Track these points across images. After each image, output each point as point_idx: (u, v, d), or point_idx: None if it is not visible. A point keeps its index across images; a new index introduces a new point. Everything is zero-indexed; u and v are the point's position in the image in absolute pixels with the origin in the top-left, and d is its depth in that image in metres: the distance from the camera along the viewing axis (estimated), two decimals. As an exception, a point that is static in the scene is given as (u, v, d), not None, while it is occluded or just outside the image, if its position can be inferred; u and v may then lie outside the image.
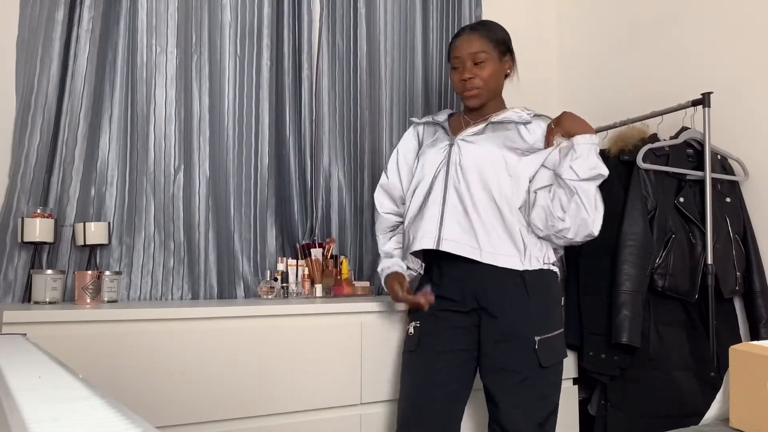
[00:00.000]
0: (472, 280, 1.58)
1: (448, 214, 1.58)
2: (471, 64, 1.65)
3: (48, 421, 0.42)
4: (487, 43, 1.66)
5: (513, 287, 1.55)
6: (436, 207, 1.61)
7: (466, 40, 1.67)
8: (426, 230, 1.60)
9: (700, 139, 2.05)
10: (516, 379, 1.52)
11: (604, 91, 2.63)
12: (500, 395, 1.53)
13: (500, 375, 1.54)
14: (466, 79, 1.65)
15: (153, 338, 1.47)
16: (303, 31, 2.26)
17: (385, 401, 1.77)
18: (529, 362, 1.52)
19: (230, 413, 1.54)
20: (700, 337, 1.94)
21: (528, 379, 1.52)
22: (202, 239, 2.02)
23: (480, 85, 1.65)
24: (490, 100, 1.70)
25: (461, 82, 1.67)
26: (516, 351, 1.53)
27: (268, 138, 2.18)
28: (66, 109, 1.87)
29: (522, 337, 1.53)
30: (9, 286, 1.76)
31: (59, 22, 1.86)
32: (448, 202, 1.60)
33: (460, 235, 1.56)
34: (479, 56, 1.65)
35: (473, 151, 1.61)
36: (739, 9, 2.16)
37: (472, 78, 1.65)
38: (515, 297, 1.55)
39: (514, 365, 1.53)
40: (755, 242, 2.06)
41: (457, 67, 1.69)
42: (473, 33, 1.68)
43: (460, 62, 1.67)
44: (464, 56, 1.66)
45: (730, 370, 1.06)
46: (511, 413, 1.52)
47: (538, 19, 2.87)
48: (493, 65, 1.66)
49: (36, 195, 1.81)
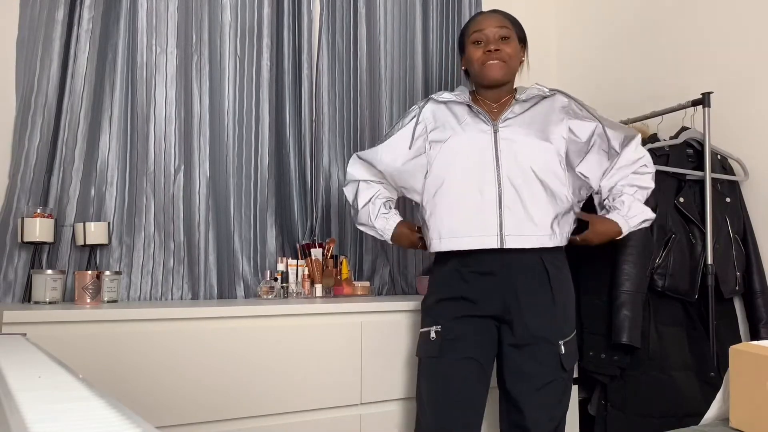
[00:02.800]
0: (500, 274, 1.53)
1: (507, 205, 1.52)
2: (497, 39, 1.59)
3: (48, 421, 0.42)
4: (511, 24, 1.63)
5: (539, 286, 1.54)
6: (491, 199, 1.52)
7: (491, 16, 1.63)
8: (483, 227, 1.52)
9: (700, 139, 2.05)
10: (541, 383, 1.52)
11: (604, 91, 2.63)
12: (524, 399, 1.52)
13: (525, 379, 1.53)
14: (491, 50, 1.57)
15: (153, 338, 1.47)
16: (303, 31, 2.26)
17: (385, 401, 1.76)
18: (554, 367, 1.52)
19: (230, 413, 1.54)
20: (700, 337, 1.94)
21: (552, 382, 1.52)
22: (202, 239, 2.02)
23: (505, 59, 1.59)
24: (509, 78, 1.64)
25: (486, 54, 1.58)
26: (541, 356, 1.52)
27: (268, 138, 2.18)
28: (66, 109, 1.87)
29: (547, 342, 1.52)
30: (9, 286, 1.76)
31: (59, 22, 1.86)
32: (505, 193, 1.53)
33: (522, 227, 1.51)
34: (504, 31, 1.60)
35: (521, 137, 1.56)
36: (739, 9, 2.16)
37: (498, 50, 1.58)
38: (541, 299, 1.54)
39: (538, 370, 1.52)
40: (755, 242, 2.06)
41: (479, 41, 1.60)
42: (495, 12, 1.65)
43: (483, 36, 1.60)
44: (489, 31, 1.59)
45: (730, 370, 1.06)
46: (535, 416, 1.52)
47: (537, 19, 2.87)
48: (515, 45, 1.62)
49: (36, 195, 1.81)
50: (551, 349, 1.52)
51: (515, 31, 1.64)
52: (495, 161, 1.55)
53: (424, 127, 1.66)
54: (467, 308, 1.55)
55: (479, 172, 1.55)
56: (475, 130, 1.59)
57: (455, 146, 1.58)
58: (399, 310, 1.80)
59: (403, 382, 1.79)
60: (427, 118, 1.68)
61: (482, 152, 1.56)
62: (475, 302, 1.55)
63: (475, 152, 1.56)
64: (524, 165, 1.54)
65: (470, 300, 1.55)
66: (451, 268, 1.58)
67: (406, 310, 1.80)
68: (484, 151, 1.56)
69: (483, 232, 1.52)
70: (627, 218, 1.61)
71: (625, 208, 1.62)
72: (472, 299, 1.55)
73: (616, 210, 1.62)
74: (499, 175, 1.54)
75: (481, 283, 1.55)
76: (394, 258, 2.37)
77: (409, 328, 1.81)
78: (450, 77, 2.55)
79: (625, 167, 1.65)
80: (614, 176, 1.66)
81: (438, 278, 1.64)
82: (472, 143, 1.57)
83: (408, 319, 1.81)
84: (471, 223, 1.53)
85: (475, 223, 1.53)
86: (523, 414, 1.52)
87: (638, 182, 1.65)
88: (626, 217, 1.61)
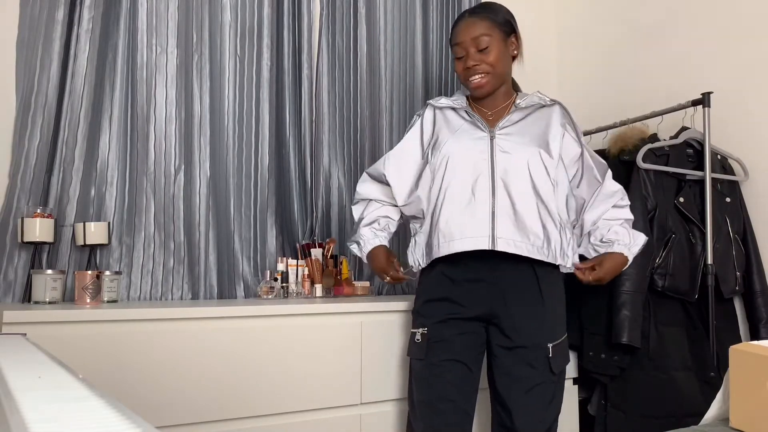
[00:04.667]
0: (490, 280, 1.53)
1: (500, 211, 1.50)
2: (474, 51, 1.55)
3: (48, 421, 0.42)
4: (490, 26, 1.56)
5: (528, 290, 1.53)
6: (484, 204, 1.51)
7: (467, 24, 1.57)
8: (475, 229, 1.49)
9: (700, 139, 2.05)
10: (529, 385, 1.51)
11: (604, 91, 2.63)
12: (513, 401, 1.52)
13: (514, 381, 1.52)
14: (470, 66, 1.56)
15: (153, 338, 1.47)
16: (303, 31, 2.26)
17: (385, 401, 1.77)
18: (542, 369, 1.52)
19: (230, 413, 1.54)
20: (700, 337, 1.94)
21: (540, 384, 1.52)
22: (202, 239, 2.02)
23: (487, 70, 1.55)
24: (499, 85, 1.60)
25: (465, 71, 1.57)
26: (530, 358, 1.52)
27: (268, 138, 2.18)
28: (66, 109, 1.87)
29: (536, 344, 1.52)
30: (9, 286, 1.76)
31: (59, 21, 1.86)
32: (498, 199, 1.51)
33: (514, 233, 1.49)
34: (482, 40, 1.54)
35: (517, 146, 1.53)
36: (739, 9, 2.16)
37: (477, 65, 1.55)
38: (530, 302, 1.53)
39: (527, 372, 1.51)
40: (755, 242, 2.06)
41: (460, 56, 1.58)
42: (473, 16, 1.58)
43: (462, 49, 1.57)
44: (466, 42, 1.56)
45: (730, 370, 1.06)
46: (523, 418, 1.51)
47: (537, 19, 2.87)
48: (497, 48, 1.56)
49: (36, 195, 1.81)
50: (540, 352, 1.52)
51: (498, 29, 1.57)
52: (490, 168, 1.52)
53: (429, 135, 1.66)
54: (453, 310, 1.54)
55: (474, 178, 1.52)
56: (471, 137, 1.56)
57: (451, 152, 1.56)
58: (399, 310, 1.80)
59: (403, 382, 1.79)
60: (427, 125, 1.67)
61: (477, 159, 1.54)
62: (462, 305, 1.54)
63: (470, 159, 1.54)
64: (519, 173, 1.52)
65: (457, 302, 1.54)
66: (439, 272, 1.57)
67: (406, 310, 1.80)
68: (480, 158, 1.54)
69: (474, 234, 1.50)
70: (629, 247, 1.64)
71: (623, 237, 1.64)
72: (459, 302, 1.54)
73: (614, 243, 1.64)
74: (494, 183, 1.51)
75: (469, 287, 1.54)
76: (394, 258, 2.37)
77: (409, 328, 1.80)
78: (450, 77, 2.55)
79: (607, 200, 1.66)
80: (597, 209, 1.66)
81: (425, 281, 1.62)
82: (468, 150, 1.55)
83: (408, 319, 1.81)
84: (464, 227, 1.51)
85: (468, 228, 1.51)
86: (511, 416, 1.52)
87: (622, 215, 1.68)
88: (628, 246, 1.64)
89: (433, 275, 1.59)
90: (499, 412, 1.56)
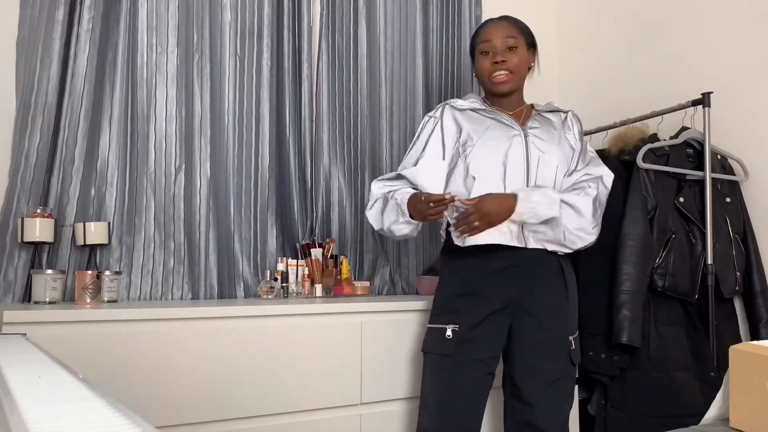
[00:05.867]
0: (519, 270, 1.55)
1: None
2: (503, 48, 1.62)
3: (48, 421, 0.42)
4: (519, 32, 1.66)
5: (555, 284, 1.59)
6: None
7: (497, 26, 1.66)
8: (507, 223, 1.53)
9: (700, 139, 2.05)
10: (551, 379, 1.55)
11: (604, 90, 2.63)
12: (536, 396, 1.54)
13: (537, 375, 1.55)
14: (498, 62, 1.61)
15: (153, 338, 1.47)
16: (303, 31, 2.26)
17: (385, 401, 1.77)
18: (564, 362, 1.56)
19: (230, 413, 1.54)
20: (700, 337, 1.94)
21: (562, 378, 1.56)
22: (202, 239, 2.02)
23: (512, 69, 1.62)
24: (516, 89, 1.68)
25: (492, 65, 1.62)
26: (553, 351, 1.55)
27: (268, 138, 2.18)
28: (66, 109, 1.87)
29: (558, 337, 1.56)
30: (9, 286, 1.76)
31: (59, 21, 1.86)
32: None
33: (544, 229, 1.55)
34: (511, 41, 1.63)
35: (551, 146, 1.61)
36: (739, 9, 2.16)
37: (504, 61, 1.62)
38: (556, 295, 1.58)
39: (550, 366, 1.55)
40: (755, 242, 2.06)
41: (486, 52, 1.64)
42: (503, 20, 1.68)
43: (490, 46, 1.63)
44: (496, 41, 1.63)
45: (730, 370, 1.06)
46: (546, 413, 1.54)
47: (538, 19, 2.86)
48: (522, 53, 1.65)
49: (36, 195, 1.81)
50: (562, 345, 1.56)
51: (524, 38, 1.67)
52: (525, 164, 1.59)
53: (452, 135, 1.65)
54: (483, 305, 1.55)
55: (508, 173, 1.58)
56: (504, 134, 1.61)
57: (486, 148, 1.59)
58: (399, 310, 1.80)
59: (403, 382, 1.79)
60: (449, 125, 1.66)
61: (513, 154, 1.59)
62: (491, 296, 1.55)
63: (505, 154, 1.58)
64: (549, 172, 1.60)
65: (486, 294, 1.55)
66: (470, 262, 1.58)
67: (406, 310, 1.80)
68: (516, 154, 1.59)
69: (507, 228, 1.54)
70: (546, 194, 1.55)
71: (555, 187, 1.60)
72: (489, 293, 1.55)
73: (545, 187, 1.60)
74: (528, 178, 1.58)
75: (499, 276, 1.56)
76: (394, 258, 2.37)
77: (409, 328, 1.81)
78: (450, 77, 2.55)
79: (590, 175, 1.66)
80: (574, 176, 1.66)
81: (455, 272, 1.62)
82: (503, 146, 1.59)
83: (408, 319, 1.81)
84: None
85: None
86: (533, 410, 1.53)
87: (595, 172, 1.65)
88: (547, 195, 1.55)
89: (464, 265, 1.59)
90: (515, 407, 1.58)
